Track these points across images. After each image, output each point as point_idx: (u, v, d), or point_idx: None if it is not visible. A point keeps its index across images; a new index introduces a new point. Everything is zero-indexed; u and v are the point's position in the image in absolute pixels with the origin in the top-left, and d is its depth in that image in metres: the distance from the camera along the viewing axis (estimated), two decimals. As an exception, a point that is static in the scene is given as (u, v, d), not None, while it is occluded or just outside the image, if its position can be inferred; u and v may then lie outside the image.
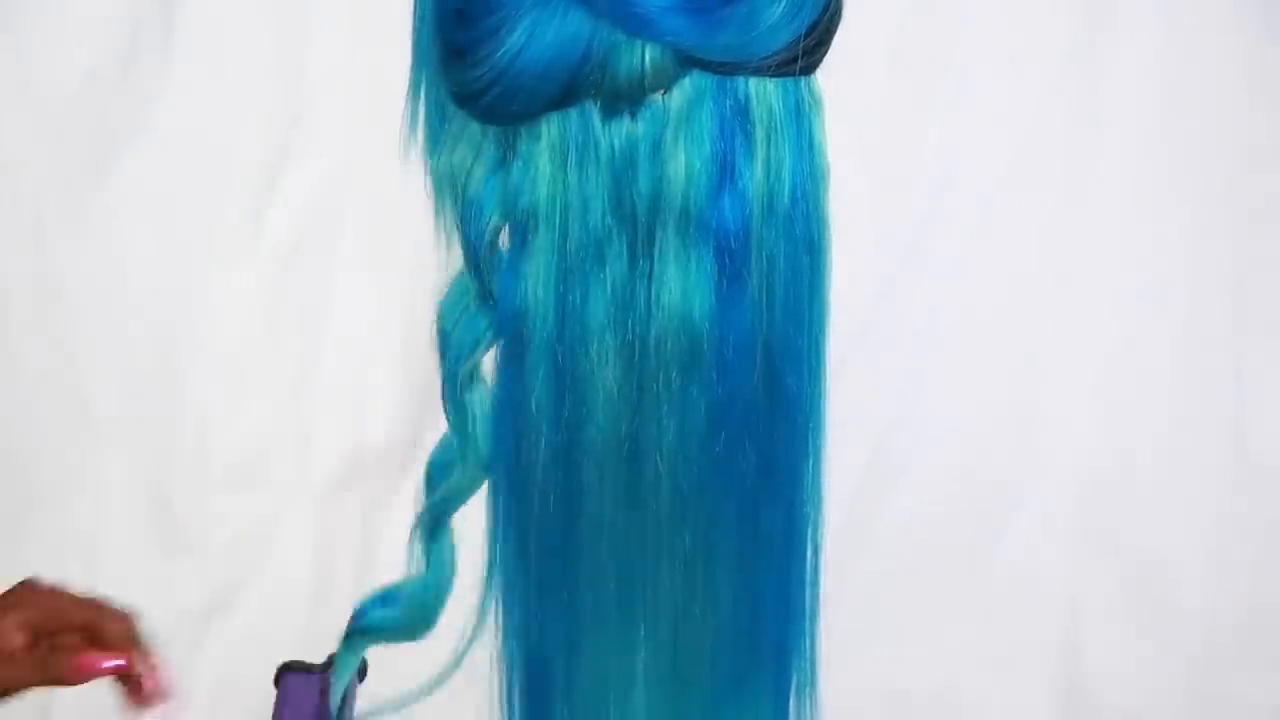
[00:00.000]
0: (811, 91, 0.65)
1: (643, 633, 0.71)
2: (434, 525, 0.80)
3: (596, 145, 0.63)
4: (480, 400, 0.73)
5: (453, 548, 0.81)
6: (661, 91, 0.62)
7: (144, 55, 1.35)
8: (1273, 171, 1.44)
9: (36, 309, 1.39)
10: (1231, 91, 1.43)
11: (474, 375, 0.73)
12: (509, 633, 0.78)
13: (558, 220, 0.65)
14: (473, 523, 0.77)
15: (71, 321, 1.40)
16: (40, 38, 1.34)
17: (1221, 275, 1.46)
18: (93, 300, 1.40)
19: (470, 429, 0.73)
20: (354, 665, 0.90)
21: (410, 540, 0.81)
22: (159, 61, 1.35)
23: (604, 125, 0.63)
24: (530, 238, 0.66)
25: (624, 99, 0.62)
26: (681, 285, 0.64)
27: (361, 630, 0.87)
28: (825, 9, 0.63)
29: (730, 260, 0.63)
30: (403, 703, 0.85)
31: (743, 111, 0.63)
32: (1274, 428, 1.49)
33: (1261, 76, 1.43)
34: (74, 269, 1.39)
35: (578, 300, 0.65)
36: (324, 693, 0.90)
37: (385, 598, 0.85)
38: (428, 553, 0.81)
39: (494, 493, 0.75)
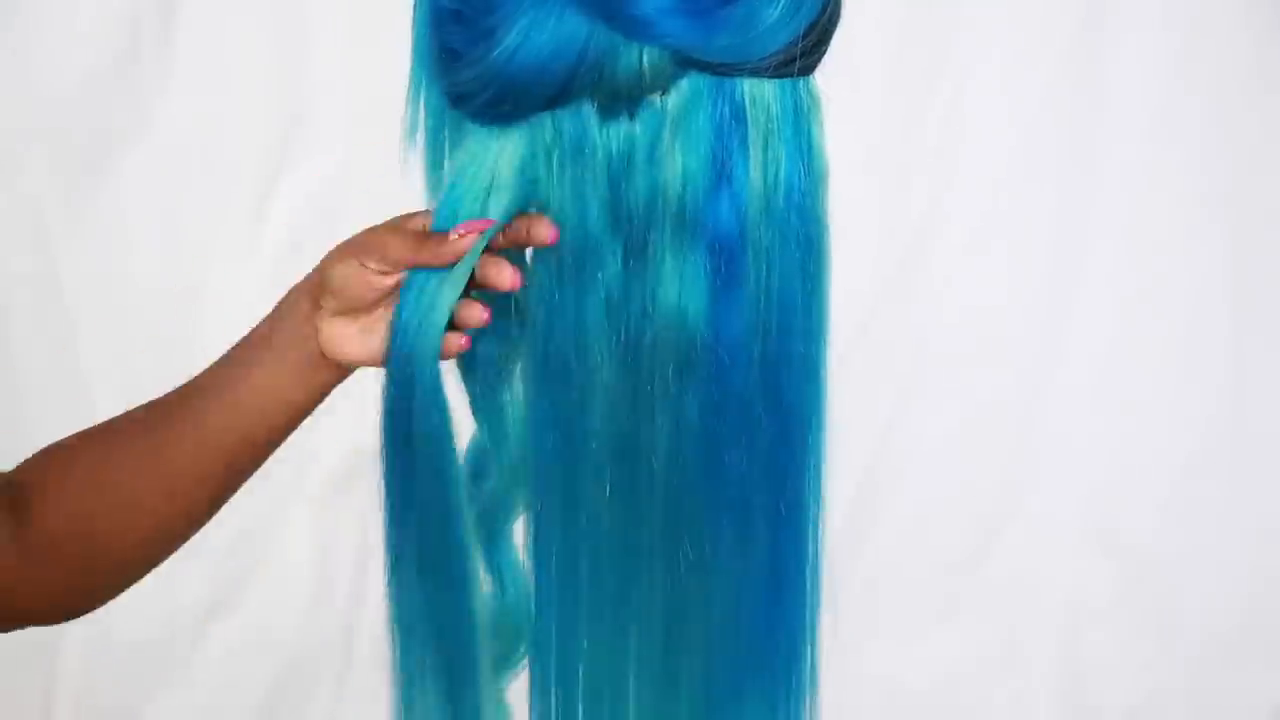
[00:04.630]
0: (810, 92, 0.65)
1: (639, 634, 0.70)
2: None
3: (593, 146, 0.63)
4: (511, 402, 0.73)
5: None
6: (659, 93, 0.62)
7: (144, 55, 1.35)
8: (1273, 171, 1.44)
9: (36, 309, 1.39)
10: (1232, 91, 1.43)
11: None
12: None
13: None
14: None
15: (71, 321, 1.40)
16: (40, 38, 1.34)
17: (1221, 275, 1.46)
18: (93, 300, 1.39)
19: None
20: None
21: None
22: (159, 61, 1.35)
23: (601, 126, 0.63)
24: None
25: (622, 100, 0.62)
26: (677, 287, 0.63)
27: None
28: (823, 10, 0.63)
29: (726, 262, 0.63)
30: None
31: (740, 113, 0.62)
32: (1274, 427, 1.49)
33: (1262, 77, 1.42)
34: (74, 269, 1.39)
35: (573, 301, 0.65)
36: None
37: None
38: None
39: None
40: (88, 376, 1.41)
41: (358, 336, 0.71)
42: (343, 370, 0.73)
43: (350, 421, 1.45)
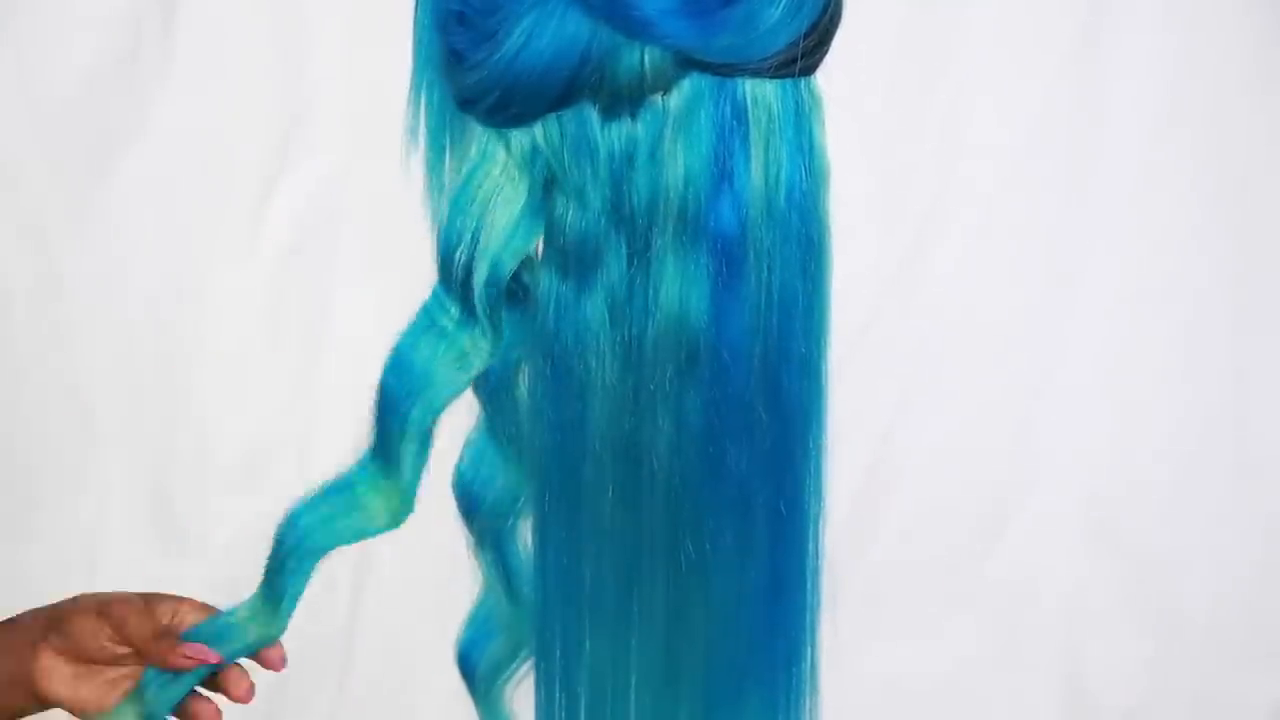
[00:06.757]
0: (811, 92, 0.65)
1: (641, 634, 0.70)
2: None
3: (595, 147, 0.63)
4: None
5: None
6: (661, 93, 0.62)
7: (144, 55, 1.35)
8: (1274, 172, 1.44)
9: (36, 309, 1.39)
10: (1234, 91, 1.43)
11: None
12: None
13: (556, 222, 0.65)
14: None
15: (71, 321, 1.40)
16: (40, 38, 1.34)
17: (1222, 275, 1.46)
18: (93, 300, 1.39)
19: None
20: None
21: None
22: (159, 61, 1.35)
23: (603, 127, 0.63)
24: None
25: (623, 101, 0.62)
26: (679, 287, 0.63)
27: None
28: (825, 10, 0.62)
29: (728, 263, 0.63)
30: None
31: (741, 113, 0.62)
32: (1274, 428, 1.49)
33: (1264, 76, 1.42)
34: (74, 269, 1.39)
35: (576, 301, 0.65)
36: None
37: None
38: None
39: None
40: (88, 376, 1.41)
41: (70, 681, 0.75)
42: (38, 706, 0.76)
43: (350, 421, 1.46)
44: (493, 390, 0.74)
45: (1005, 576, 1.51)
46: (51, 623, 0.76)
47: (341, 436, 1.50)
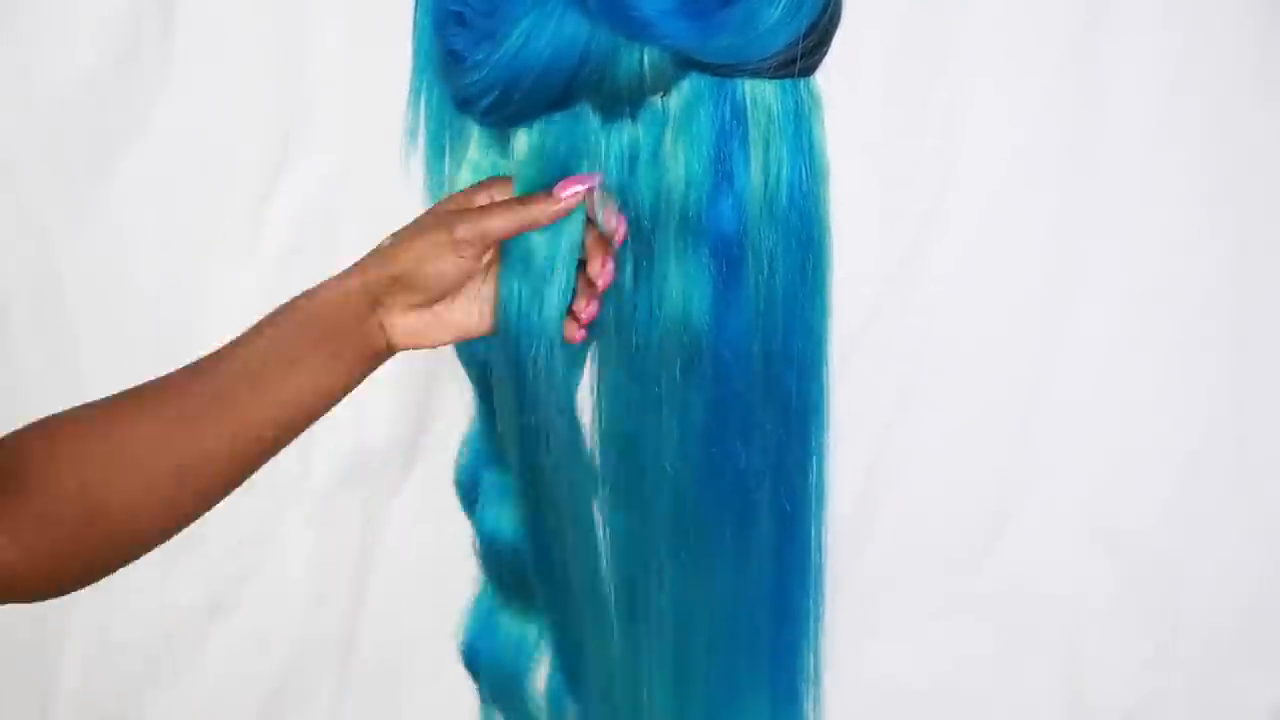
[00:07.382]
0: (811, 92, 0.65)
1: (649, 633, 0.71)
2: None
3: (596, 148, 0.63)
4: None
5: None
6: (660, 94, 0.62)
7: (144, 55, 1.35)
8: (1274, 172, 1.44)
9: (36, 309, 1.39)
10: (1234, 90, 1.43)
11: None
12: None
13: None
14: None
15: (71, 321, 1.39)
16: (40, 38, 1.33)
17: (1222, 275, 1.46)
18: (93, 300, 1.39)
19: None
20: None
21: None
22: (159, 61, 1.35)
23: (603, 128, 0.63)
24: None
25: (623, 102, 0.62)
26: (681, 287, 0.63)
27: None
28: (824, 10, 0.63)
29: (729, 262, 0.63)
30: None
31: (741, 113, 0.62)
32: (1274, 428, 1.49)
33: (1263, 77, 1.42)
34: (74, 269, 1.39)
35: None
36: None
37: None
38: None
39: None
40: (88, 376, 1.41)
41: (437, 323, 0.69)
42: (392, 354, 0.71)
43: (350, 421, 1.46)
44: (486, 386, 0.74)
45: (1005, 576, 1.51)
46: (383, 287, 0.69)
47: (341, 436, 1.51)
